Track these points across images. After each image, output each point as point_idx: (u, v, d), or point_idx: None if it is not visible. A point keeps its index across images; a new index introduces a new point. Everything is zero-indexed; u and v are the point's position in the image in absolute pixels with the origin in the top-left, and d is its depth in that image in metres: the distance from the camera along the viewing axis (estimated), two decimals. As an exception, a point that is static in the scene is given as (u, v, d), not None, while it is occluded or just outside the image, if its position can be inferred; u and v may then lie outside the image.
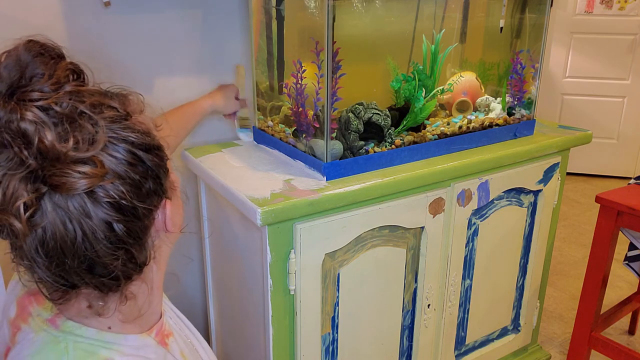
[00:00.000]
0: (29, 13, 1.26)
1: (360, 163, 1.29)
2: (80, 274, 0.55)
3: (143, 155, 0.56)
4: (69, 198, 0.51)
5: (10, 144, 0.49)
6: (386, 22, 1.56)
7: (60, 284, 0.56)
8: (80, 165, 0.50)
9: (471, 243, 1.52)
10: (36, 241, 0.52)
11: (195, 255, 1.67)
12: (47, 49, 0.55)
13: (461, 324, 1.62)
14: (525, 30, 1.65)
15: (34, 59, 0.53)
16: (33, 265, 0.54)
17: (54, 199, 0.51)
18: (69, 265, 0.53)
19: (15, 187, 0.49)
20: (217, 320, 1.62)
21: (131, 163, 0.54)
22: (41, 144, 0.49)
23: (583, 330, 1.74)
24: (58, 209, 0.51)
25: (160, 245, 0.64)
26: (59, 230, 0.51)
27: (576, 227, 3.06)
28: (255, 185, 1.21)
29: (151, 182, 0.57)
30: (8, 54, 0.53)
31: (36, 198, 0.50)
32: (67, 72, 0.54)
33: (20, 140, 0.49)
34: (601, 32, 3.55)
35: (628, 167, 3.75)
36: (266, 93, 1.52)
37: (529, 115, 1.60)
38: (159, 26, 1.41)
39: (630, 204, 1.54)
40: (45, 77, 0.52)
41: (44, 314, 0.63)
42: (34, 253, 0.52)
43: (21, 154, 0.49)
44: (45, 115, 0.50)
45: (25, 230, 0.50)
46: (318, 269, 1.22)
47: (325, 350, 1.33)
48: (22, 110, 0.49)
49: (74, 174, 0.50)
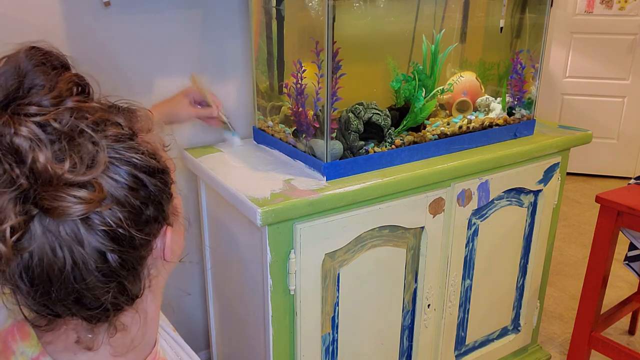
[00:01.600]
0: (28, 13, 1.26)
1: (360, 163, 1.29)
2: (67, 305, 0.50)
3: (146, 179, 0.51)
4: (61, 223, 0.47)
5: (0, 160, 0.45)
6: (386, 22, 1.56)
7: (45, 313, 0.52)
8: (76, 190, 0.46)
9: (471, 243, 1.52)
10: (21, 266, 0.47)
11: (195, 256, 1.67)
12: (50, 58, 0.51)
13: (461, 324, 1.62)
14: (525, 30, 1.65)
15: (35, 68, 0.49)
16: (16, 290, 0.49)
17: (44, 223, 0.46)
18: (54, 295, 0.49)
19: (3, 207, 0.45)
20: (217, 320, 1.62)
21: (132, 188, 0.50)
22: (34, 164, 0.45)
23: (583, 330, 1.74)
24: (48, 233, 0.46)
25: (157, 274, 0.59)
26: (47, 256, 0.47)
27: (576, 227, 3.06)
28: (255, 185, 1.21)
29: (152, 209, 0.52)
30: (7, 59, 0.49)
31: (25, 221, 0.46)
32: (70, 85, 0.50)
33: (12, 157, 0.45)
34: (601, 32, 3.55)
35: (628, 167, 3.74)
36: (266, 93, 1.52)
37: (529, 115, 1.60)
38: (159, 26, 1.41)
39: (630, 204, 1.54)
40: (46, 89, 0.48)
41: (28, 351, 0.57)
42: (17, 279, 0.48)
43: (12, 172, 0.45)
44: (41, 132, 0.46)
45: (10, 255, 0.46)
46: (318, 269, 1.22)
47: (325, 350, 1.33)
48: (16, 125, 0.45)
49: (68, 198, 0.45)
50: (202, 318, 1.77)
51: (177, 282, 1.69)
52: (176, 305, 1.70)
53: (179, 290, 1.69)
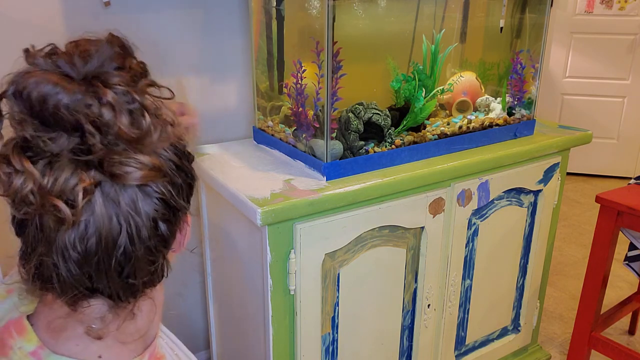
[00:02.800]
0: (29, 13, 1.26)
1: (360, 163, 1.29)
2: (109, 277, 0.53)
3: (185, 163, 0.57)
4: (121, 190, 0.50)
5: (81, 127, 0.49)
6: (386, 22, 1.56)
7: (83, 287, 0.53)
8: (143, 157, 0.51)
9: (471, 243, 1.52)
10: (76, 234, 0.50)
11: (195, 256, 1.67)
12: (125, 46, 0.56)
13: (461, 324, 1.62)
14: (525, 30, 1.65)
15: (116, 52, 0.54)
16: (59, 263, 0.51)
17: (106, 191, 0.50)
18: (101, 265, 0.52)
19: (73, 172, 0.48)
20: (217, 320, 1.62)
21: (178, 166, 0.56)
22: (118, 129, 0.49)
23: (583, 330, 1.74)
24: (109, 201, 0.50)
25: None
26: (105, 225, 0.50)
27: (576, 227, 3.06)
28: (255, 185, 1.21)
29: (187, 190, 0.59)
30: (91, 44, 0.53)
31: (94, 185, 0.49)
32: (141, 70, 0.56)
33: (97, 123, 0.49)
34: (601, 32, 3.55)
35: (628, 167, 3.74)
36: (266, 93, 1.52)
37: (529, 115, 1.60)
38: (159, 26, 1.41)
39: (630, 204, 1.54)
40: (125, 70, 0.53)
41: (26, 346, 0.58)
42: (69, 248, 0.50)
43: (92, 137, 0.49)
44: (124, 101, 0.51)
45: (75, 219, 0.48)
46: (318, 269, 1.22)
47: (325, 350, 1.33)
48: (104, 94, 0.49)
49: (135, 164, 0.50)
50: (202, 318, 1.77)
51: (177, 281, 1.69)
52: (176, 305, 1.70)
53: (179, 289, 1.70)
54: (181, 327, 1.74)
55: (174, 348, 0.79)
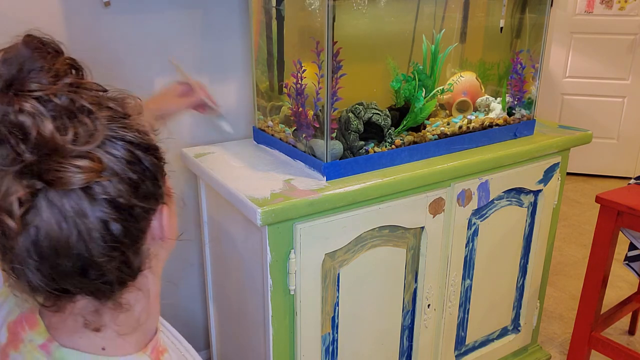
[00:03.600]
0: (29, 13, 1.26)
1: (360, 163, 1.29)
2: (73, 278, 0.53)
3: (141, 155, 0.54)
4: (64, 195, 0.49)
5: (6, 138, 0.48)
6: (386, 22, 1.56)
7: (52, 289, 0.54)
8: (78, 160, 0.49)
9: (471, 243, 1.52)
10: (29, 241, 0.50)
11: (195, 256, 1.67)
12: (45, 43, 0.54)
13: (461, 324, 1.62)
14: (525, 30, 1.65)
15: (33, 53, 0.52)
16: (24, 269, 0.52)
17: (48, 196, 0.49)
18: (62, 268, 0.52)
19: (9, 183, 0.48)
20: (217, 320, 1.62)
21: (129, 162, 0.53)
22: (39, 136, 0.48)
23: (583, 330, 1.74)
24: (53, 207, 0.49)
25: (156, 253, 0.62)
26: (53, 229, 0.50)
27: (576, 227, 3.06)
28: (255, 185, 1.21)
29: (149, 183, 0.56)
30: (6, 51, 0.52)
31: (31, 194, 0.48)
32: (66, 66, 0.53)
33: (18, 133, 0.48)
34: (601, 32, 3.55)
35: (628, 167, 3.75)
36: (266, 93, 1.52)
37: (529, 115, 1.60)
38: (159, 26, 1.41)
39: (630, 204, 1.54)
40: (45, 70, 0.51)
41: (36, 339, 0.60)
42: (25, 255, 0.50)
43: (17, 147, 0.48)
44: (43, 107, 0.49)
45: (18, 229, 0.49)
46: (318, 269, 1.22)
47: (325, 350, 1.33)
48: (20, 102, 0.48)
49: (71, 169, 0.48)
50: (202, 318, 1.77)
51: (177, 281, 1.69)
52: (176, 304, 1.70)
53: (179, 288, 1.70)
54: (181, 326, 1.73)
55: (176, 342, 0.80)
